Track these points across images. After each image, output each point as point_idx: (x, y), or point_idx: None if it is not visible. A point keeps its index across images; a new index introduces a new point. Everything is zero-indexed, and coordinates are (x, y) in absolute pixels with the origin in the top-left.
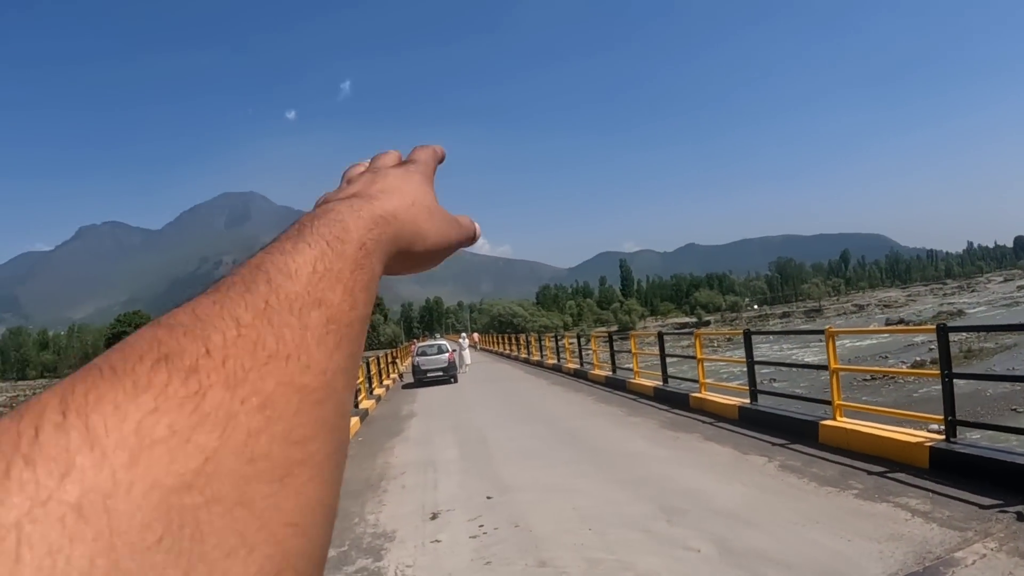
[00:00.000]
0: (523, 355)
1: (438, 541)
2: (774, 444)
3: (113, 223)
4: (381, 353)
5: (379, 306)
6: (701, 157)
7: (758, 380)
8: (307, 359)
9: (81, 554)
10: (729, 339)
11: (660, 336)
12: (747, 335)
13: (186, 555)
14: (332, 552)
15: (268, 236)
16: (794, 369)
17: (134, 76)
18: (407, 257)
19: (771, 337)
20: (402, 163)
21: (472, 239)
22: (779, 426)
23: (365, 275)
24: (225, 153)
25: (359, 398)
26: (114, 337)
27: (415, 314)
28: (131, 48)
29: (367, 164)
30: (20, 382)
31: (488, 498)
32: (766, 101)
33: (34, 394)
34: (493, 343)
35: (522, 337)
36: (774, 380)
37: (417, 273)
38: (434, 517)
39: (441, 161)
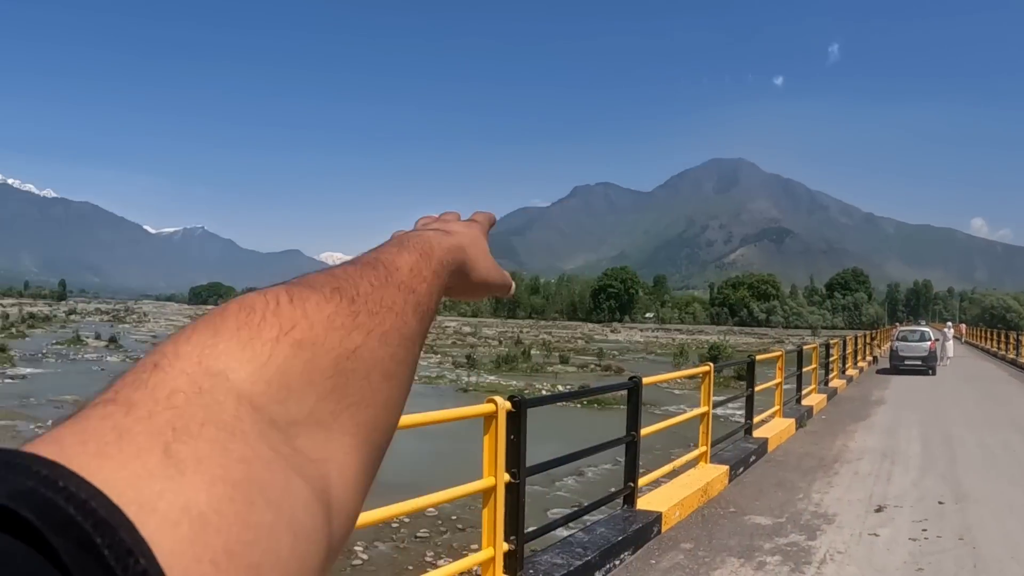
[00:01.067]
0: (1011, 355)
1: (876, 535)
2: None
3: (606, 184)
4: (860, 333)
5: (863, 284)
6: None
7: None
8: (406, 318)
9: (298, 364)
10: None
11: None
12: None
13: (341, 390)
14: (767, 520)
15: (755, 203)
16: None
17: (629, 46)
18: (462, 284)
19: None
20: (464, 221)
21: (508, 289)
22: None
23: (440, 282)
24: (714, 119)
25: (830, 376)
26: (600, 289)
27: (900, 296)
28: (627, 18)
29: (435, 216)
30: (509, 319)
31: (940, 503)
32: None
33: (520, 332)
34: (979, 337)
35: (1012, 335)
36: None
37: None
38: (879, 510)
39: (492, 225)
